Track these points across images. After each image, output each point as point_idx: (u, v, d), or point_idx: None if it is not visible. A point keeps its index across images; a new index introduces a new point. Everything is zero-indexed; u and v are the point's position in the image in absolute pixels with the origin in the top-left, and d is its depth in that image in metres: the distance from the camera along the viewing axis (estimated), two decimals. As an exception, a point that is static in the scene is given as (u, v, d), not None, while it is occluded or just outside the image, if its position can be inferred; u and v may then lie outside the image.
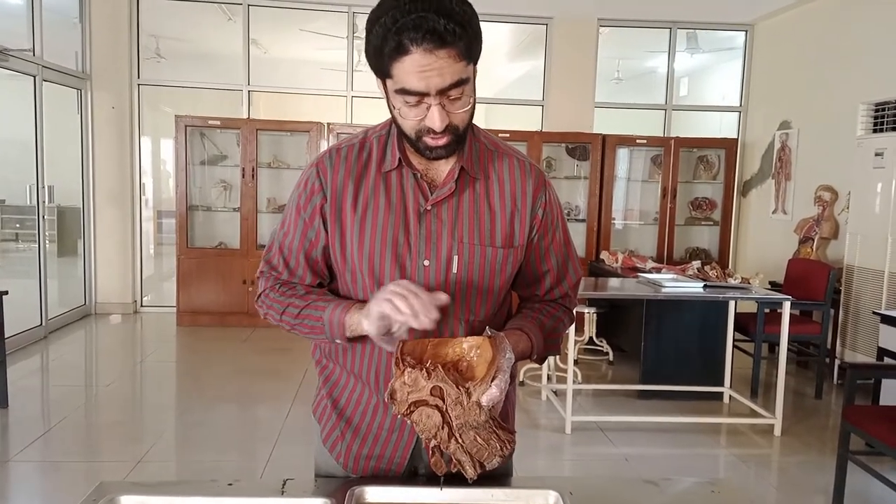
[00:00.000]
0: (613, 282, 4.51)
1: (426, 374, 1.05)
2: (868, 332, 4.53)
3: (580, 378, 4.81)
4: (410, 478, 1.31)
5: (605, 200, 6.46)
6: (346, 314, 1.18)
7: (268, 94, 6.95)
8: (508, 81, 7.90)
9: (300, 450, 3.39)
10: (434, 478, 1.18)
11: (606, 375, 5.13)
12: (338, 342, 1.22)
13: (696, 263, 4.74)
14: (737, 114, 6.95)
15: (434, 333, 1.21)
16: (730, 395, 4.42)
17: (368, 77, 1.21)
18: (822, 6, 5.71)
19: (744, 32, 6.85)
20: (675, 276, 4.34)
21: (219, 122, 6.27)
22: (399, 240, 1.21)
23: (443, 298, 1.09)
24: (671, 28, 6.87)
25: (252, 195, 6.21)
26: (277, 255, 1.29)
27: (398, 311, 1.05)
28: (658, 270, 4.84)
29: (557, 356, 4.42)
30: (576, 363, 4.88)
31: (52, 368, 4.94)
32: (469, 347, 1.13)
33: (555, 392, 4.43)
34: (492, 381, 1.04)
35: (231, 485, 1.21)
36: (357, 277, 1.23)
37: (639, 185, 6.88)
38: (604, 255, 5.65)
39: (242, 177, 6.22)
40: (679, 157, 6.49)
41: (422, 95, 1.07)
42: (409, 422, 1.07)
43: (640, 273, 4.63)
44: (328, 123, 6.34)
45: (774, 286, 5.35)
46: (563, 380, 4.15)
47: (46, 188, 5.62)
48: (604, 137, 6.43)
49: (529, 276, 1.33)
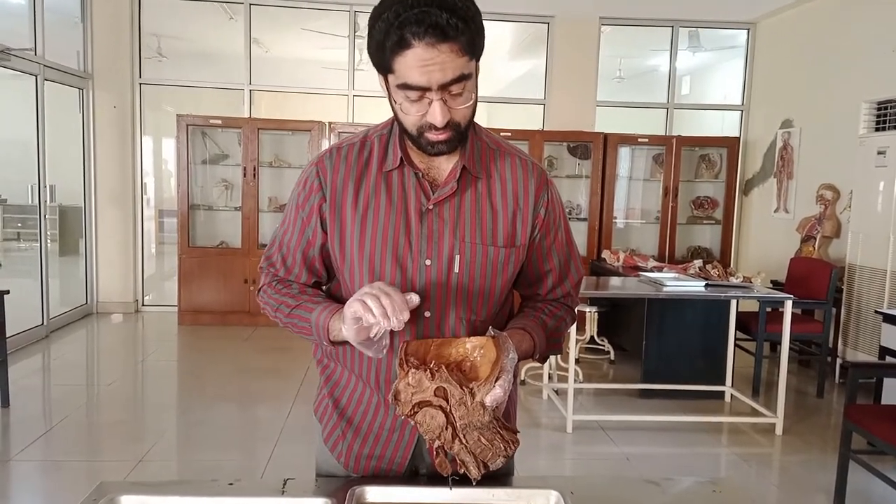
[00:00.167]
0: (615, 281, 4.52)
1: (430, 375, 1.05)
2: (870, 331, 4.52)
3: (581, 377, 4.81)
4: (411, 478, 1.31)
5: (607, 199, 6.46)
6: (331, 318, 1.18)
7: (269, 94, 6.95)
8: (510, 80, 7.89)
9: (301, 449, 3.40)
10: (436, 478, 1.17)
11: (608, 374, 5.12)
12: (325, 345, 1.22)
13: (698, 262, 4.73)
14: (739, 112, 6.94)
15: (436, 334, 1.21)
16: (731, 395, 4.42)
17: (370, 76, 1.21)
18: (825, 4, 5.69)
19: (746, 31, 6.84)
20: (677, 275, 4.34)
21: (220, 122, 6.27)
22: (400, 239, 1.20)
23: (415, 300, 1.09)
24: (673, 26, 6.86)
25: (253, 194, 6.22)
26: (276, 252, 1.30)
27: (369, 312, 1.05)
28: (660, 269, 4.84)
29: (559, 355, 4.41)
30: (577, 362, 4.88)
31: (54, 368, 4.94)
32: (472, 348, 1.13)
33: (556, 391, 4.43)
34: (496, 382, 1.04)
35: (232, 484, 1.21)
36: (356, 277, 1.23)
37: (640, 184, 6.88)
38: (605, 254, 5.65)
39: (244, 176, 6.22)
40: (681, 156, 6.49)
41: (423, 90, 1.07)
42: (413, 423, 1.07)
43: (642, 272, 4.63)
44: (330, 123, 6.34)
45: (776, 285, 5.34)
46: (565, 379, 4.15)
47: (48, 187, 5.62)
48: (605, 136, 6.43)
49: (531, 276, 1.33)
